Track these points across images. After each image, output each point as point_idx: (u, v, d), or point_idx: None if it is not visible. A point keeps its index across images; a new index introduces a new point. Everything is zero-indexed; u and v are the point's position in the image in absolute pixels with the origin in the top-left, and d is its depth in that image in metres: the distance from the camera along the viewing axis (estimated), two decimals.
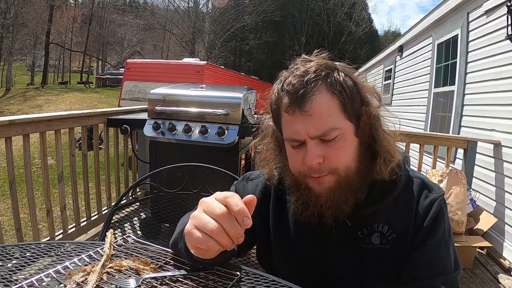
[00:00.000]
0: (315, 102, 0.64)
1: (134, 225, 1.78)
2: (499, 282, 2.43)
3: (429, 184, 0.74)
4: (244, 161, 3.25)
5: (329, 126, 0.65)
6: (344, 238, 0.73)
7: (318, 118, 0.64)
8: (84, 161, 2.65)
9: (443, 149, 3.20)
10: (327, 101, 0.65)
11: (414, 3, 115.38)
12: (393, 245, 0.70)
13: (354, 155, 0.69)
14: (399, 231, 0.70)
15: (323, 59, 0.70)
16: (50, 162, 4.79)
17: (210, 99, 2.66)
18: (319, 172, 0.67)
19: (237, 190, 0.88)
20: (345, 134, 0.67)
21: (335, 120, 0.65)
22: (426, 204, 0.71)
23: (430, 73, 5.19)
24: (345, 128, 0.67)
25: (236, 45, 31.54)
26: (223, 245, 0.54)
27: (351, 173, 0.68)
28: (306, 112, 0.64)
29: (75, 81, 29.55)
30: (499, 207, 3.02)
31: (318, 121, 0.64)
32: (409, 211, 0.71)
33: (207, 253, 0.57)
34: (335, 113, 0.65)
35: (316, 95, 0.64)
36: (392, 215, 0.71)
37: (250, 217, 0.54)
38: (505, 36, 3.05)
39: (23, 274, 0.60)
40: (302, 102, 0.64)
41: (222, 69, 10.35)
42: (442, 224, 0.70)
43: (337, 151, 0.66)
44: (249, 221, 0.53)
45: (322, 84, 0.65)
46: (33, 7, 23.77)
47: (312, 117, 0.64)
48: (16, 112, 14.16)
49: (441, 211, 0.71)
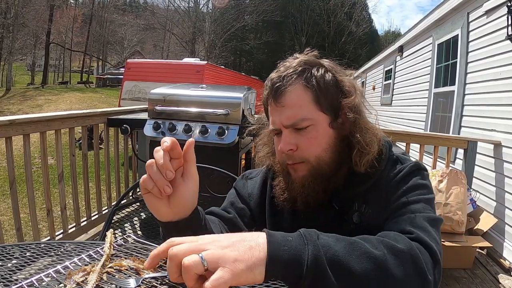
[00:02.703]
0: (288, 94, 0.71)
1: (134, 225, 1.79)
2: (499, 282, 2.43)
3: (402, 158, 0.78)
4: (244, 161, 3.25)
5: (300, 117, 0.71)
6: (333, 222, 0.76)
7: (290, 109, 0.72)
8: (84, 161, 2.65)
9: (443, 149, 3.20)
10: (299, 94, 0.72)
11: (413, 3, 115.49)
12: (372, 221, 0.73)
13: (326, 145, 0.73)
14: (376, 207, 0.74)
15: (310, 56, 0.77)
16: (50, 162, 4.79)
17: (210, 99, 2.66)
18: (293, 159, 0.74)
19: (237, 189, 0.91)
20: (317, 125, 0.72)
21: (307, 111, 0.71)
22: (396, 171, 0.74)
23: (430, 73, 5.19)
24: (317, 119, 0.72)
25: (237, 45, 31.52)
26: (152, 176, 0.59)
27: (323, 163, 0.73)
28: (279, 103, 0.72)
29: (75, 81, 29.55)
30: (499, 207, 3.02)
31: (290, 112, 0.72)
32: (384, 184, 0.74)
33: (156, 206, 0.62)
34: (306, 104, 0.72)
35: (290, 88, 0.71)
36: (370, 194, 0.75)
37: (172, 171, 0.58)
38: (505, 36, 3.05)
39: (23, 274, 0.60)
40: (276, 94, 0.72)
41: (222, 69, 10.34)
42: (411, 180, 0.72)
43: (309, 140, 0.72)
44: (172, 174, 0.58)
45: (298, 78, 0.72)
46: (33, 7, 23.78)
47: (285, 108, 0.72)
48: (16, 112, 14.16)
49: (410, 173, 0.73)
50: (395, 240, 0.57)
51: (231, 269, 0.45)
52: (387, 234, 0.60)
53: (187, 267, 0.45)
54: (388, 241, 0.56)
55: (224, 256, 0.46)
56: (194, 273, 0.45)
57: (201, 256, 0.45)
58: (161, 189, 0.59)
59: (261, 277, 0.47)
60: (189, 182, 0.63)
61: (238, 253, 0.47)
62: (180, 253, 0.46)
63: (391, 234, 0.60)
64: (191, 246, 0.48)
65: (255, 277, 0.47)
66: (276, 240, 0.50)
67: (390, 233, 0.60)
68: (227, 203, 0.88)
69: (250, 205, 0.87)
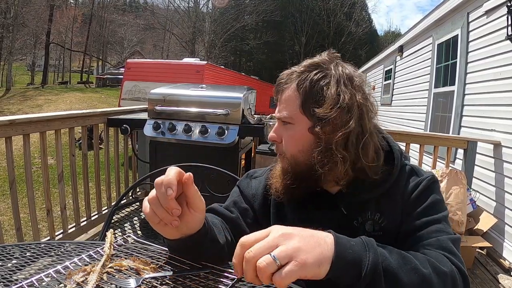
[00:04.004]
0: (285, 93, 0.78)
1: (134, 225, 1.79)
2: (499, 282, 2.43)
3: (417, 169, 0.79)
4: (244, 161, 3.25)
5: (284, 113, 0.77)
6: (341, 227, 0.74)
7: (282, 105, 0.78)
8: (84, 161, 2.65)
9: (443, 149, 3.20)
10: (291, 94, 0.77)
11: (412, 3, 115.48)
12: (386, 231, 0.75)
13: (302, 147, 0.75)
14: (390, 217, 0.75)
15: (323, 58, 0.78)
16: (50, 162, 4.79)
17: (210, 99, 2.66)
18: (277, 149, 0.81)
19: (240, 188, 0.89)
20: (296, 125, 0.76)
21: (290, 110, 0.76)
22: (413, 185, 0.76)
23: (430, 73, 5.19)
24: (297, 120, 0.76)
25: (236, 45, 31.49)
26: (157, 214, 0.58)
27: (298, 163, 0.76)
28: (277, 98, 0.81)
29: (75, 81, 29.51)
30: (499, 207, 3.02)
31: (281, 107, 0.78)
32: (399, 196, 0.76)
33: (162, 229, 0.61)
34: (292, 105, 0.76)
35: (287, 88, 0.78)
36: (384, 204, 0.75)
37: (173, 189, 0.56)
38: (505, 36, 3.05)
39: (23, 274, 0.60)
40: (278, 90, 0.80)
41: (222, 69, 10.35)
42: (430, 196, 0.74)
43: (288, 137, 0.78)
44: (171, 191, 0.56)
45: (295, 80, 0.77)
46: (33, 7, 23.75)
47: (280, 103, 0.79)
48: (16, 112, 14.15)
49: (428, 187, 0.75)
50: (438, 261, 0.62)
51: (300, 263, 0.49)
52: (431, 254, 0.64)
53: (262, 269, 0.49)
54: (434, 261, 0.61)
55: (295, 251, 0.50)
56: (269, 273, 0.49)
57: (274, 256, 0.49)
58: (168, 224, 0.59)
59: (325, 273, 0.52)
60: (194, 212, 0.62)
61: (308, 249, 0.51)
62: (257, 256, 0.50)
63: (434, 254, 0.64)
64: (264, 245, 0.51)
65: (320, 272, 0.51)
66: (342, 242, 0.55)
67: (433, 253, 0.64)
68: (230, 201, 0.87)
69: (254, 206, 0.86)
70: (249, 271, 0.50)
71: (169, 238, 0.64)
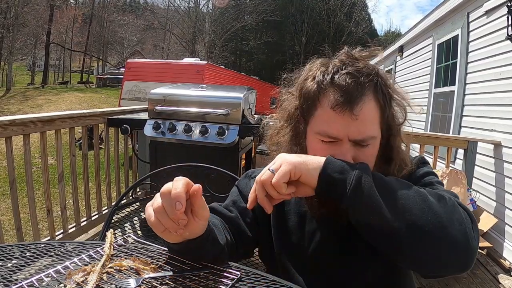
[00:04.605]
0: (365, 107, 0.65)
1: (134, 225, 1.79)
2: (499, 282, 2.43)
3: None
4: (244, 161, 3.25)
5: (370, 134, 0.66)
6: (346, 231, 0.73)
7: (363, 124, 0.65)
8: (85, 161, 2.65)
9: (443, 149, 3.20)
10: (373, 108, 0.67)
11: (412, 3, 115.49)
12: None
13: (375, 160, 0.71)
14: None
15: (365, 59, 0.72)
16: (50, 162, 4.79)
17: (210, 99, 2.66)
18: None
19: (239, 188, 0.88)
20: (376, 142, 0.69)
21: (376, 129, 0.68)
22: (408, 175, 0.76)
23: (431, 73, 5.19)
24: (378, 137, 0.69)
25: (237, 45, 31.52)
26: (163, 223, 0.56)
27: None
28: (355, 116, 0.64)
29: (75, 81, 29.52)
30: (499, 207, 3.02)
31: (362, 127, 0.65)
32: None
33: (166, 235, 0.59)
34: (376, 122, 0.68)
35: (365, 100, 0.65)
36: None
37: (182, 203, 0.53)
38: (505, 36, 3.05)
39: (23, 274, 0.60)
40: (353, 104, 0.64)
41: (222, 69, 10.36)
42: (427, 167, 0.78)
43: (366, 157, 0.67)
44: (180, 206, 0.53)
45: (371, 88, 0.66)
46: (33, 7, 23.75)
47: (358, 122, 0.65)
48: (17, 112, 14.16)
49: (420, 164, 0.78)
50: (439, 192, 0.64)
51: (288, 162, 0.61)
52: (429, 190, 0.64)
53: (264, 181, 0.62)
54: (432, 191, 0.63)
55: (285, 159, 0.62)
56: (269, 181, 0.61)
57: (271, 169, 0.62)
58: (173, 233, 0.57)
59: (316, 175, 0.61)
60: (199, 220, 0.59)
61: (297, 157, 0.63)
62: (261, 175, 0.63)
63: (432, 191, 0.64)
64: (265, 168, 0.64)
65: (309, 172, 0.61)
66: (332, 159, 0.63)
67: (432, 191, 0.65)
68: (230, 201, 0.86)
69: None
70: (259, 190, 0.63)
71: (171, 242, 0.63)
